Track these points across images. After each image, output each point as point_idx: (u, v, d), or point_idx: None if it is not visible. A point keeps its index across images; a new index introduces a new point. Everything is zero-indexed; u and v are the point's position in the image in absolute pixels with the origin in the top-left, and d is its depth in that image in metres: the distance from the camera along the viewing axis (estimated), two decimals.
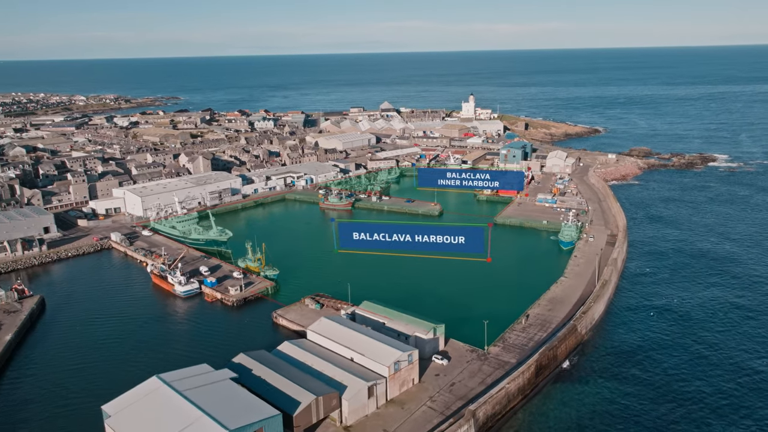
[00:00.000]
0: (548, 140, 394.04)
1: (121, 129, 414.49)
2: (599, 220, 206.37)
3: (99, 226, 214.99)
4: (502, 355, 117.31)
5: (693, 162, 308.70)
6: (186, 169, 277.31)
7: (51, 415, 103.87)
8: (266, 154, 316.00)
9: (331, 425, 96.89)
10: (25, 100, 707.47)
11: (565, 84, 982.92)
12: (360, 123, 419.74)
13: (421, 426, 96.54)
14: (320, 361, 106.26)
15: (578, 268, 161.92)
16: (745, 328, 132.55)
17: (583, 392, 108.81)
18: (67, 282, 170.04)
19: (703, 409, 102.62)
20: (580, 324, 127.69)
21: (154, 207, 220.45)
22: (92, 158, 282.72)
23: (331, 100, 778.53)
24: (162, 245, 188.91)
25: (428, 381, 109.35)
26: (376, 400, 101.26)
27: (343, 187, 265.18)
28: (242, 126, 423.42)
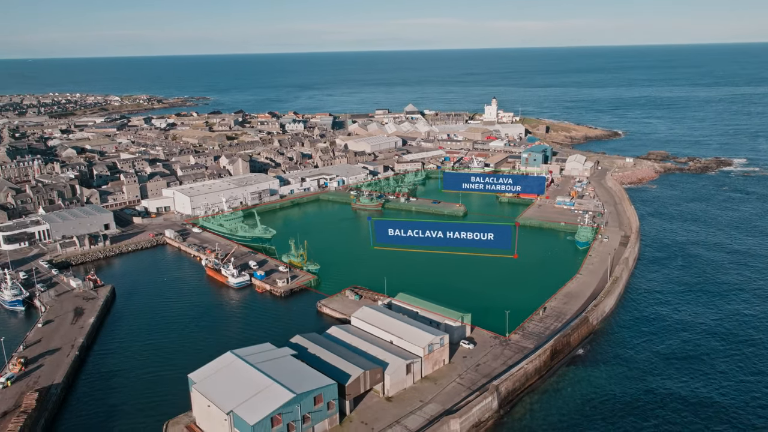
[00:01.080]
0: (568, 143, 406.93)
1: (161, 131, 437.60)
2: (614, 221, 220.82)
3: (152, 223, 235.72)
4: (522, 342, 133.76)
5: (708, 166, 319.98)
6: (226, 170, 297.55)
7: (141, 381, 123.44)
8: (299, 156, 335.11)
9: (375, 396, 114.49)
10: (64, 100, 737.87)
11: (589, 85, 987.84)
12: (386, 126, 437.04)
13: (451, 398, 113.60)
14: (364, 343, 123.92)
15: (592, 266, 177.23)
16: (746, 329, 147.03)
17: (593, 374, 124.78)
18: (131, 273, 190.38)
19: (696, 392, 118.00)
20: (591, 316, 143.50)
21: (202, 206, 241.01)
22: (140, 160, 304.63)
23: (356, 100, 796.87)
24: (212, 242, 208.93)
25: (457, 362, 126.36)
26: (413, 376, 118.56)
27: (372, 188, 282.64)
28: (274, 128, 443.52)
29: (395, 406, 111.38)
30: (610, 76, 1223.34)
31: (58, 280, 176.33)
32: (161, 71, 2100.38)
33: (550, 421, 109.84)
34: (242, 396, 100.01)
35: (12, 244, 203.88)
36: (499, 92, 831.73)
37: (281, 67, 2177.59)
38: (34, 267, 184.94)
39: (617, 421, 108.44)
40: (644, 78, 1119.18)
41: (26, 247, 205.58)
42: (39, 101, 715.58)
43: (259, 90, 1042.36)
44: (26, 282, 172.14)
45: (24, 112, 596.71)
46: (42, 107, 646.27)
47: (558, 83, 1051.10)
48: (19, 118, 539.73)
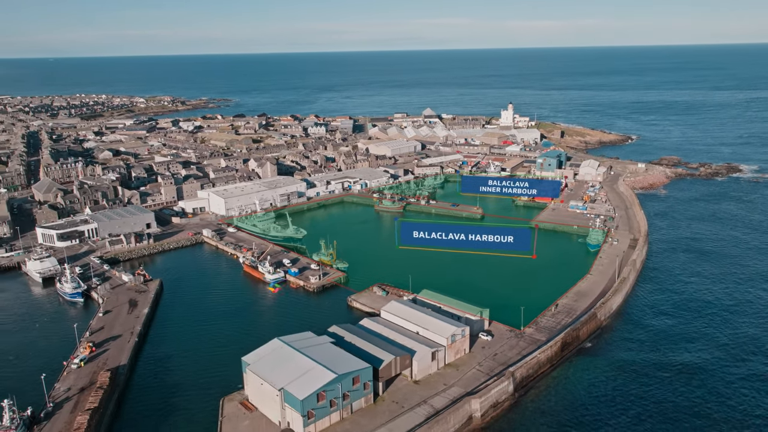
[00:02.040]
0: (583, 148, 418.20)
1: (189, 133, 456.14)
2: (624, 225, 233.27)
3: (190, 223, 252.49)
4: (535, 334, 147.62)
5: (718, 172, 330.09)
6: (255, 173, 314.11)
7: (195, 364, 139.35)
8: (323, 160, 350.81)
9: (404, 379, 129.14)
10: (92, 102, 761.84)
11: (607, 88, 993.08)
12: (405, 130, 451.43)
13: (472, 382, 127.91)
14: (393, 333, 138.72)
15: (602, 267, 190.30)
16: (748, 328, 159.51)
17: (599, 364, 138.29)
18: (174, 269, 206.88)
19: (693, 380, 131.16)
20: (600, 312, 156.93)
21: (236, 207, 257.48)
22: (174, 162, 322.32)
23: (374, 103, 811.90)
24: (247, 241, 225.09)
25: (476, 351, 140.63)
26: (438, 362, 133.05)
27: (394, 191, 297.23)
28: (297, 131, 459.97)
29: (422, 388, 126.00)
30: (630, 78, 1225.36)
31: (110, 274, 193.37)
32: (179, 71, 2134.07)
33: (559, 403, 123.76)
34: (291, 376, 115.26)
35: (65, 241, 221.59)
36: (516, 95, 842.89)
37: (297, 68, 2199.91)
38: (88, 263, 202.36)
39: (619, 405, 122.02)
40: (664, 80, 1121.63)
41: (77, 245, 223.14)
42: (68, 103, 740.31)
43: (279, 92, 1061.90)
44: (82, 276, 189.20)
45: (56, 114, 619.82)
46: (72, 109, 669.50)
47: (575, 86, 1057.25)
48: (53, 120, 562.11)
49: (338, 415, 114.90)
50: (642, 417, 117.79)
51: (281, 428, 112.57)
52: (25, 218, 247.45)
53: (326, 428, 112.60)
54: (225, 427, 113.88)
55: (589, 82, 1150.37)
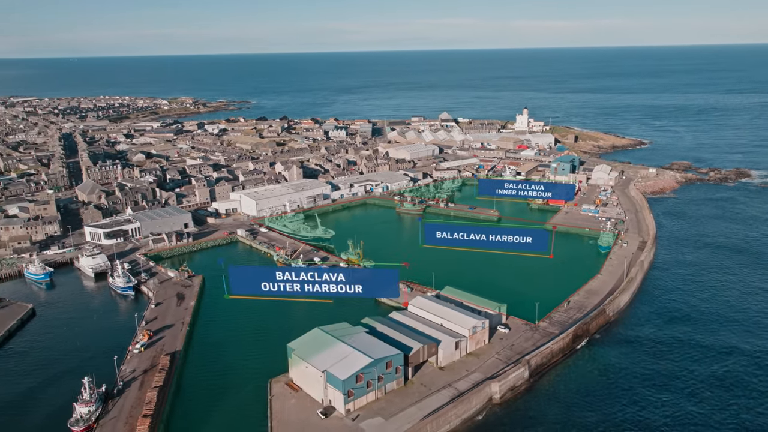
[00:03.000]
0: (596, 152, 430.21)
1: (216, 136, 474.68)
2: (633, 228, 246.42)
3: (224, 223, 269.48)
4: (549, 328, 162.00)
5: (727, 177, 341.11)
6: (282, 176, 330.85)
7: (242, 350, 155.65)
8: (345, 163, 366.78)
9: (431, 366, 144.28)
10: (117, 104, 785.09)
11: (621, 90, 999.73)
12: (423, 134, 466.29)
13: (491, 369, 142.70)
14: (420, 324, 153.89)
15: (611, 267, 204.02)
16: (746, 324, 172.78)
17: (607, 354, 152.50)
18: (213, 267, 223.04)
19: (693, 371, 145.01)
20: (608, 308, 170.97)
21: (266, 208, 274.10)
22: (205, 165, 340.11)
23: (391, 105, 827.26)
24: (279, 240, 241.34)
25: (495, 342, 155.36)
26: (460, 351, 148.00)
27: (414, 194, 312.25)
28: (318, 134, 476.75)
29: (446, 373, 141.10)
30: (644, 81, 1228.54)
31: (156, 270, 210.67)
32: (195, 71, 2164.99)
33: (569, 388, 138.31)
34: (332, 360, 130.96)
35: (111, 239, 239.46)
36: (530, 98, 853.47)
37: (310, 69, 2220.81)
38: (135, 259, 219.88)
39: (623, 390, 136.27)
40: (679, 83, 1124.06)
41: (122, 242, 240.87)
42: (95, 105, 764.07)
43: (296, 94, 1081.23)
44: (131, 271, 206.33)
45: (84, 116, 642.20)
46: (99, 111, 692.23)
47: (589, 88, 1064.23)
48: (83, 123, 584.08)
49: (374, 395, 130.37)
50: (642, 400, 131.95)
51: (324, 405, 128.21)
52: (71, 217, 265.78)
53: (363, 406, 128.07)
54: (275, 404, 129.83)
55: (603, 84, 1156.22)
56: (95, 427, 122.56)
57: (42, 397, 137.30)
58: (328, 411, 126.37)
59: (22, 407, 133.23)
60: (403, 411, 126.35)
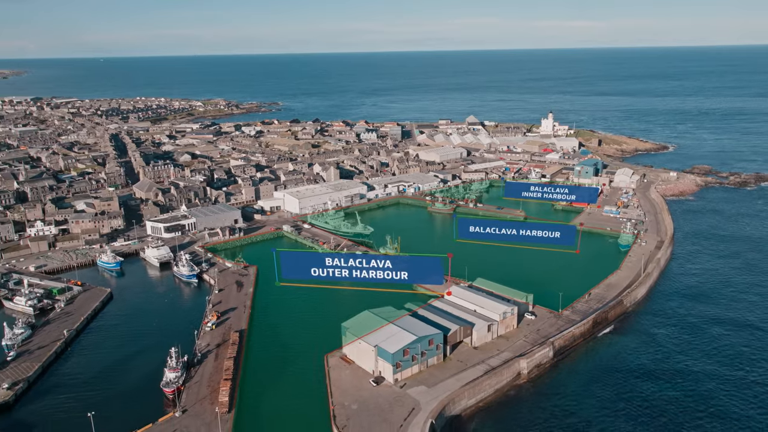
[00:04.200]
0: (619, 155, 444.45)
1: (254, 138, 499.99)
2: (653, 229, 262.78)
3: (269, 219, 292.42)
4: (571, 316, 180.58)
5: (747, 181, 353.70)
6: (320, 176, 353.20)
7: (299, 329, 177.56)
8: (378, 165, 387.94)
9: (466, 346, 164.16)
10: (155, 105, 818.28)
11: (647, 93, 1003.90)
12: (451, 137, 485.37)
13: (519, 349, 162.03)
14: (456, 310, 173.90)
15: (630, 264, 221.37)
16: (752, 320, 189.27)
17: (623, 340, 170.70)
18: (264, 258, 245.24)
19: (701, 355, 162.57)
20: (626, 300, 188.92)
21: (308, 206, 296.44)
22: (249, 166, 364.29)
23: (417, 108, 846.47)
24: (321, 236, 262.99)
25: (522, 327, 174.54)
26: (492, 334, 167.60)
27: (444, 195, 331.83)
28: (350, 137, 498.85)
29: (480, 352, 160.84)
30: (671, 83, 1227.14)
31: (215, 260, 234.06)
32: (220, 72, 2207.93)
33: (589, 367, 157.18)
34: (382, 337, 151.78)
35: (170, 233, 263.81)
36: (556, 101, 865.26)
37: (333, 70, 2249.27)
38: (194, 251, 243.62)
39: (636, 370, 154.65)
40: (707, 86, 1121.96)
41: (180, 236, 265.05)
42: (134, 106, 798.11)
43: (324, 96, 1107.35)
44: (193, 262, 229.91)
45: (126, 117, 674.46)
46: (138, 112, 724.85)
47: (615, 91, 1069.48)
48: (126, 124, 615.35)
49: (417, 368, 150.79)
50: (653, 378, 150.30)
51: (375, 375, 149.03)
52: (131, 213, 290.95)
53: (409, 376, 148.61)
54: (332, 374, 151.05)
55: (629, 87, 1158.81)
56: (182, 389, 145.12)
57: (133, 365, 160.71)
58: (378, 380, 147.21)
59: (119, 372, 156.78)
60: (443, 381, 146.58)
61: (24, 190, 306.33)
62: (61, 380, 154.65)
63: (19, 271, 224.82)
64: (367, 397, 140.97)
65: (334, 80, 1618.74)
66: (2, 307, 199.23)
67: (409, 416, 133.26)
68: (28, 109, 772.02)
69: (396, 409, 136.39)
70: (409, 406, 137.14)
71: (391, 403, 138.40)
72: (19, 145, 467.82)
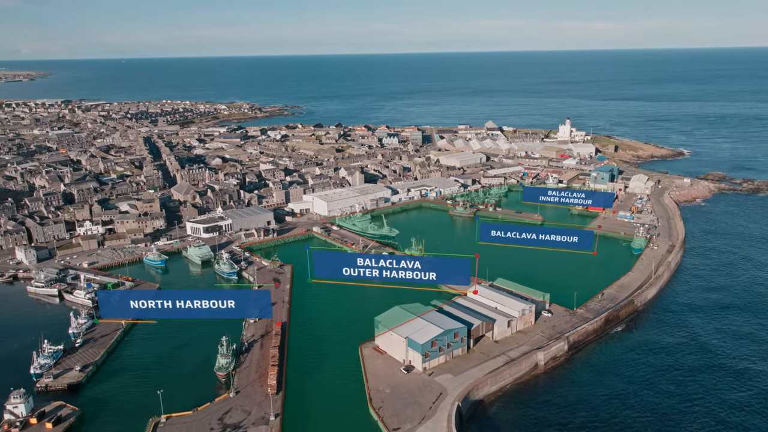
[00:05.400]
0: (635, 161, 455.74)
1: (280, 142, 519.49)
2: (665, 233, 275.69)
3: (299, 221, 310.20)
4: (585, 314, 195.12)
5: (760, 187, 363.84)
6: (346, 180, 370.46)
7: (334, 322, 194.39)
8: (401, 169, 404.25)
9: (487, 339, 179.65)
10: (181, 108, 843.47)
11: (668, 98, 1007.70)
12: (470, 142, 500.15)
13: (537, 343, 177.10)
14: (479, 307, 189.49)
15: (642, 266, 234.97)
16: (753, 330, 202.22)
17: (633, 336, 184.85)
18: (297, 257, 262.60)
19: (699, 353, 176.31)
20: (636, 299, 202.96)
21: (337, 209, 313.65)
22: (278, 170, 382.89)
23: (437, 112, 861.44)
24: (349, 237, 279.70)
25: (539, 324, 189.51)
26: (512, 329, 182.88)
27: (465, 199, 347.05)
28: (373, 141, 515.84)
29: (501, 345, 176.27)
30: (693, 87, 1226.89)
31: (252, 259, 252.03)
32: (241, 74, 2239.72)
33: (601, 360, 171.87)
34: (411, 329, 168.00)
35: (209, 233, 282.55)
36: (574, 105, 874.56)
37: (353, 72, 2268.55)
38: (232, 250, 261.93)
39: (644, 365, 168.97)
40: (733, 90, 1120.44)
41: (217, 236, 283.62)
42: (162, 109, 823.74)
43: (344, 99, 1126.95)
44: (232, 260, 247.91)
45: (155, 120, 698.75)
46: (166, 116, 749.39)
47: (634, 96, 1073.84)
48: (156, 127, 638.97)
49: (444, 358, 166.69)
50: (662, 369, 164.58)
51: (405, 364, 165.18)
52: (170, 214, 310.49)
53: (436, 365, 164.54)
54: (367, 362, 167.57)
55: (648, 91, 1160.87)
56: (234, 374, 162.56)
57: (187, 352, 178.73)
58: (409, 368, 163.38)
59: (175, 358, 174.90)
60: (467, 370, 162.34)
61: (71, 191, 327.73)
62: (124, 364, 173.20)
63: (75, 268, 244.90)
64: (399, 383, 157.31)
65: (353, 83, 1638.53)
66: (63, 299, 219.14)
67: (437, 400, 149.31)
68: (60, 112, 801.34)
69: (425, 393, 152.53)
70: (437, 391, 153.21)
71: (421, 389, 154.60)
72: (59, 148, 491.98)
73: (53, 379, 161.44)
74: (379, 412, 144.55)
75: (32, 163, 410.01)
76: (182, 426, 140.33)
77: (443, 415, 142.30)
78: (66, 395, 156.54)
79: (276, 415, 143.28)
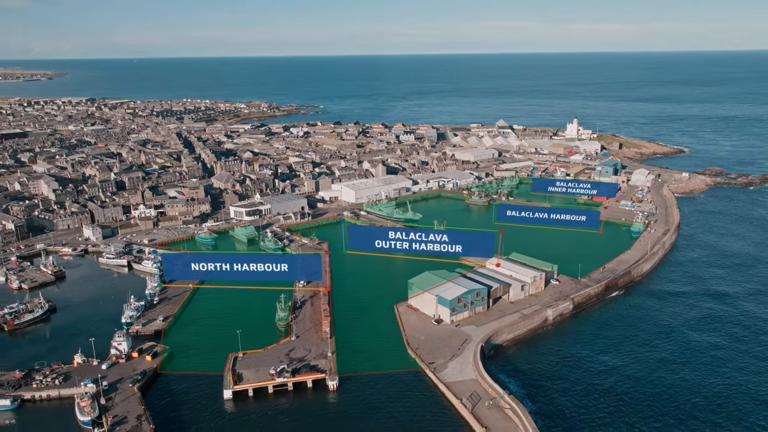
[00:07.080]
0: (638, 158, 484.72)
1: (303, 138, 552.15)
2: (662, 220, 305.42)
3: (330, 207, 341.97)
4: (588, 282, 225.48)
5: (753, 182, 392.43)
6: (369, 172, 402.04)
7: (371, 284, 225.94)
8: (419, 163, 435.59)
9: (504, 301, 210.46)
10: (203, 107, 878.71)
11: (672, 100, 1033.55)
12: (483, 139, 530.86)
13: (546, 303, 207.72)
14: (496, 274, 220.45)
15: (640, 246, 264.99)
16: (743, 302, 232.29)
17: (629, 300, 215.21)
18: (332, 236, 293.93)
19: (691, 313, 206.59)
20: (633, 271, 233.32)
21: (364, 197, 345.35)
22: (306, 162, 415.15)
23: (449, 112, 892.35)
24: (376, 221, 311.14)
25: (548, 289, 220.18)
26: (524, 292, 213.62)
27: (480, 189, 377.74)
28: (390, 138, 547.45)
29: (515, 305, 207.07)
30: (700, 90, 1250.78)
31: (293, 238, 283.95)
32: (256, 74, 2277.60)
33: (601, 317, 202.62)
34: (440, 290, 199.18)
35: (250, 216, 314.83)
36: (581, 106, 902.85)
37: (365, 72, 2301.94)
38: (275, 231, 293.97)
39: (638, 322, 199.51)
40: (750, 92, 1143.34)
41: (258, 219, 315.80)
42: (185, 107, 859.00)
43: (358, 99, 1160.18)
44: (275, 238, 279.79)
45: (181, 118, 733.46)
46: (191, 113, 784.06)
47: (640, 97, 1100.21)
48: (183, 124, 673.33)
49: (468, 313, 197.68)
50: (652, 325, 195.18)
51: (435, 318, 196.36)
52: (213, 200, 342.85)
53: (461, 319, 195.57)
54: (402, 317, 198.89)
55: (655, 93, 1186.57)
56: (292, 324, 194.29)
57: (249, 307, 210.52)
58: (438, 321, 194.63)
59: (239, 311, 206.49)
60: (488, 323, 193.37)
61: (122, 179, 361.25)
62: (196, 317, 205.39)
63: (137, 243, 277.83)
64: (431, 332, 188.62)
65: (363, 83, 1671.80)
66: (131, 269, 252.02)
67: (464, 343, 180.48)
68: (88, 109, 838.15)
69: (453, 339, 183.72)
70: (463, 337, 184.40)
71: (450, 336, 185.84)
72: (97, 142, 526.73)
73: (142, 327, 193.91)
74: (416, 352, 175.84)
75: (80, 155, 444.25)
76: (257, 359, 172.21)
77: (470, 353, 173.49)
78: (154, 339, 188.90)
79: (332, 353, 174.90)
